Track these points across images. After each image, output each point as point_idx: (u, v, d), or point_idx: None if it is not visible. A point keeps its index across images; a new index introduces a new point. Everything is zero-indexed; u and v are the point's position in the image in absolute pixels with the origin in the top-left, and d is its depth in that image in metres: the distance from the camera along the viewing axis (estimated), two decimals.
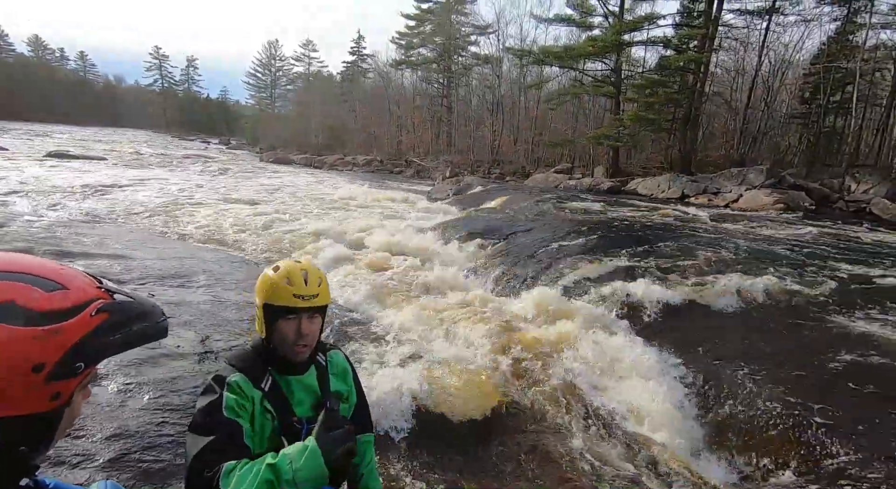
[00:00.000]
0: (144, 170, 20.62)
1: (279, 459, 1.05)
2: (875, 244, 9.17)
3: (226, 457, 1.10)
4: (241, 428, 1.19)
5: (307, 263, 1.34)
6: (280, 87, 72.34)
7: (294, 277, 1.26)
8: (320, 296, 1.28)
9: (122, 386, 3.04)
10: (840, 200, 15.41)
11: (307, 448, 1.06)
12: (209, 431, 1.15)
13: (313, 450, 1.05)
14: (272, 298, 1.26)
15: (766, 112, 22.34)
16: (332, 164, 36.07)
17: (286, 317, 1.26)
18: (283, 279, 1.25)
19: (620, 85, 23.71)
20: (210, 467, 1.08)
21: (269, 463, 1.05)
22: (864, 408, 3.58)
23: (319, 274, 1.32)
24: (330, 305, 1.39)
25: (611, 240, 7.86)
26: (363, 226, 10.62)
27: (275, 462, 1.05)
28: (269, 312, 1.27)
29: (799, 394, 3.79)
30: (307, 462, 1.04)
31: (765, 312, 5.16)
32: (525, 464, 3.36)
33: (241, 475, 1.04)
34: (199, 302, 4.85)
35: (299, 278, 1.26)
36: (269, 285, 1.26)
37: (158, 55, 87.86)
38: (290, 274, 1.26)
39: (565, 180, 21.92)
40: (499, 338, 4.66)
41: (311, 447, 1.06)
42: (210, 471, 1.08)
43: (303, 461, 1.04)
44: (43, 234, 6.39)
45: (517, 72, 32.72)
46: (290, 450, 1.08)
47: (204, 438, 1.13)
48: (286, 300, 1.24)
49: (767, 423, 3.62)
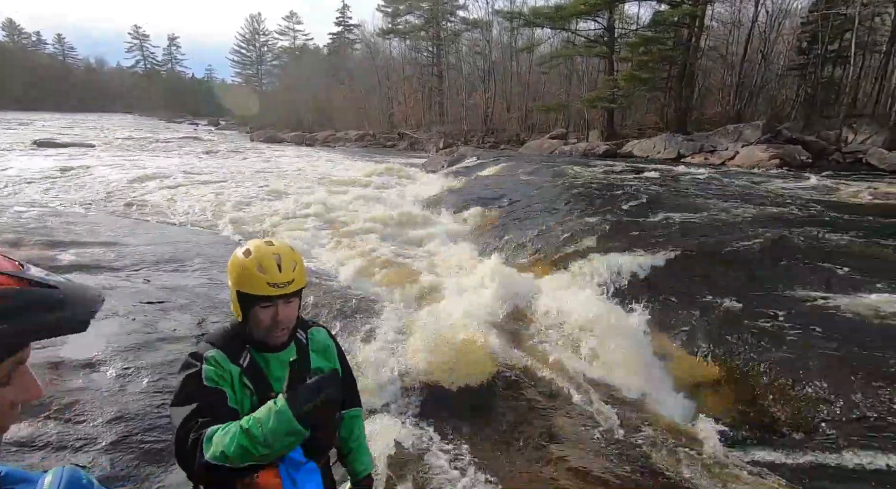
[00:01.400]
0: (134, 155, 20.32)
1: (251, 423, 1.05)
2: (853, 199, 9.13)
3: (212, 422, 1.10)
4: (224, 393, 1.19)
5: (280, 245, 1.29)
6: (266, 64, 70.48)
7: (266, 264, 1.21)
8: (295, 281, 1.25)
9: (121, 370, 3.08)
10: (836, 152, 15.26)
11: (275, 406, 1.06)
12: (191, 400, 1.15)
13: (280, 408, 1.05)
14: (245, 286, 1.22)
15: (763, 65, 21.82)
16: (323, 140, 35.56)
17: (261, 304, 1.23)
18: (256, 266, 1.21)
19: (614, 44, 23.09)
20: (195, 433, 1.08)
21: (242, 427, 1.05)
22: (855, 362, 3.64)
23: (293, 256, 1.28)
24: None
25: (603, 205, 7.83)
26: (355, 197, 10.57)
27: (248, 426, 1.05)
28: (243, 299, 1.25)
29: (794, 351, 3.85)
30: (276, 420, 1.04)
31: (760, 267, 5.18)
32: (525, 427, 3.44)
33: (219, 438, 1.05)
34: (195, 285, 4.87)
35: (272, 265, 1.22)
36: (241, 271, 1.23)
37: (138, 35, 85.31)
38: (261, 260, 1.22)
39: (560, 146, 21.66)
40: (493, 305, 4.69)
41: (278, 405, 1.05)
42: (196, 434, 1.08)
43: (272, 421, 1.04)
44: (33, 225, 6.35)
45: (508, 36, 31.83)
46: (260, 412, 1.07)
47: (187, 407, 1.13)
48: (260, 289, 1.21)
49: (764, 381, 3.69)
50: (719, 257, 5.41)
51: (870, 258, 5.21)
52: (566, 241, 6.37)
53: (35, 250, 5.25)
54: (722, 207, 7.45)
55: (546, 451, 3.02)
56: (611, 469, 2.83)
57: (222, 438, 1.05)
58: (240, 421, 1.08)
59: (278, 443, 1.05)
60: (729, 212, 7.14)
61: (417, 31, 38.89)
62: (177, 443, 1.11)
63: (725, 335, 4.15)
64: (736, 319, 4.31)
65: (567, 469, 2.83)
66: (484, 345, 3.90)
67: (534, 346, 4.28)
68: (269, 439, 1.03)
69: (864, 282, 4.61)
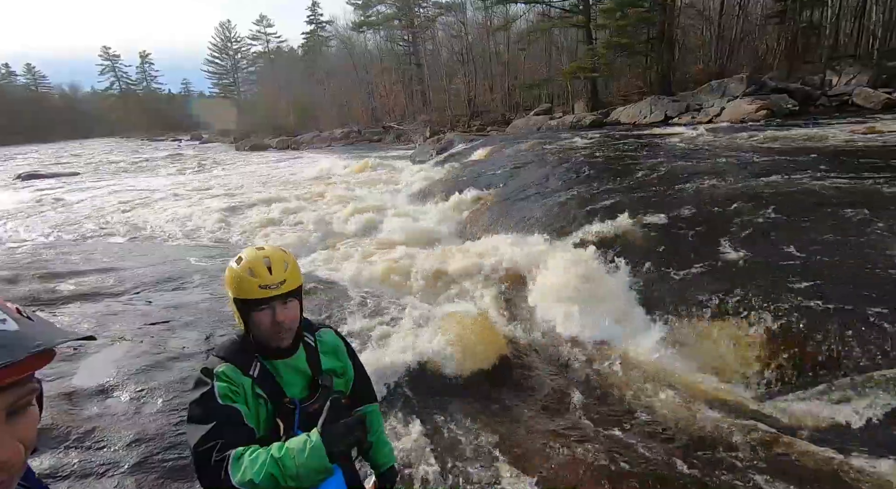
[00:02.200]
0: (120, 178, 20.19)
1: (283, 454, 1.05)
2: (843, 139, 9.10)
3: (229, 440, 1.10)
4: (239, 411, 1.19)
5: (270, 249, 1.30)
6: (242, 71, 69.53)
7: (257, 268, 1.23)
8: (288, 280, 1.25)
9: (135, 393, 3.09)
10: (823, 96, 15.16)
11: (311, 442, 1.06)
12: (207, 419, 1.15)
13: (316, 446, 1.05)
14: (240, 292, 1.24)
15: (742, 16, 21.57)
16: (308, 142, 35.28)
17: (259, 308, 1.24)
18: (246, 271, 1.23)
19: (589, 12, 22.77)
20: (218, 453, 1.08)
21: (274, 456, 1.05)
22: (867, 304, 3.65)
23: (284, 257, 1.28)
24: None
25: (594, 175, 7.81)
26: (347, 198, 10.52)
27: (280, 456, 1.05)
28: (241, 306, 1.26)
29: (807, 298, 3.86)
30: (310, 456, 1.04)
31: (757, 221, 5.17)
32: (540, 405, 3.48)
33: (249, 463, 1.05)
34: (198, 301, 4.86)
35: (262, 268, 1.23)
36: (234, 279, 1.24)
37: (109, 56, 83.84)
38: (252, 265, 1.23)
39: (547, 121, 21.51)
40: (496, 287, 4.70)
41: (314, 442, 1.06)
42: (219, 455, 1.08)
43: (306, 456, 1.04)
44: (28, 259, 6.31)
45: (482, 16, 31.39)
46: (294, 444, 1.07)
47: (204, 426, 1.13)
48: (253, 293, 1.22)
49: (775, 334, 3.71)
50: (720, 216, 5.37)
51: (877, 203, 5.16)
52: (559, 216, 6.36)
53: (34, 284, 5.23)
54: (715, 165, 7.43)
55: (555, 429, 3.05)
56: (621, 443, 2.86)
57: (252, 465, 1.05)
58: (270, 448, 1.08)
59: (307, 479, 1.05)
60: (722, 170, 7.12)
61: (391, 20, 38.32)
62: (197, 463, 1.11)
63: (736, 294, 4.15)
64: (747, 274, 4.30)
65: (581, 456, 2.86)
66: (486, 325, 3.92)
67: (536, 321, 4.30)
68: (300, 472, 1.04)
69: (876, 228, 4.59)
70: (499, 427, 3.17)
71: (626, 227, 5.34)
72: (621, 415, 3.35)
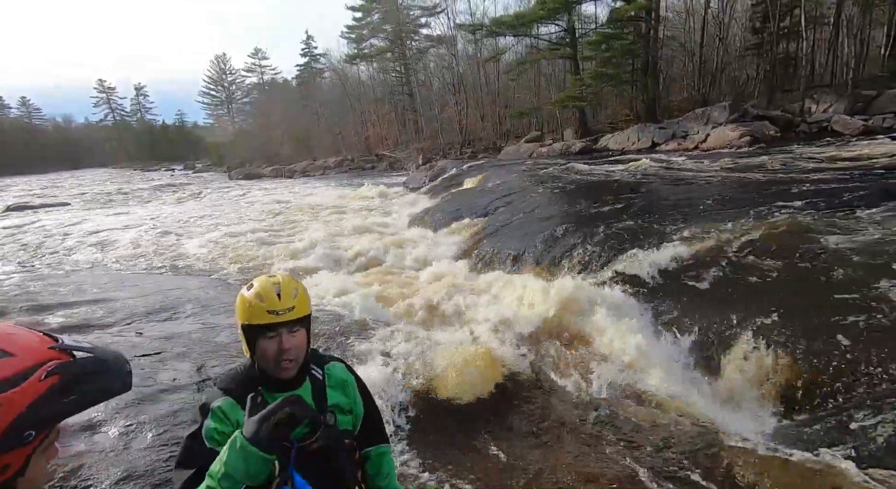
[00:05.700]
0: (111, 209, 20.12)
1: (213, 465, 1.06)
2: (830, 160, 9.36)
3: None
4: None
5: (281, 276, 1.30)
6: (237, 102, 70.62)
7: (266, 294, 1.23)
8: (297, 308, 1.24)
9: (123, 428, 2.99)
10: (803, 123, 15.68)
11: (232, 438, 1.07)
12: (190, 465, 1.14)
13: (235, 437, 1.06)
14: (249, 318, 1.23)
15: (721, 47, 22.47)
16: (302, 170, 35.58)
17: (266, 335, 1.23)
18: (256, 297, 1.23)
19: (576, 44, 23.61)
20: None
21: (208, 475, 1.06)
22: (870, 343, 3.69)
23: (294, 285, 1.28)
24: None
25: (584, 202, 7.92)
26: (344, 229, 10.53)
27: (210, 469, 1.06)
28: (248, 332, 1.25)
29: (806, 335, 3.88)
30: (231, 449, 1.05)
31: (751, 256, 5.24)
32: (539, 434, 3.41)
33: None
34: (190, 331, 4.77)
35: (271, 294, 1.23)
36: (244, 305, 1.24)
37: (104, 88, 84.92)
38: (262, 291, 1.23)
39: (537, 148, 21.94)
40: (492, 314, 4.68)
41: (234, 436, 1.07)
42: None
43: (227, 452, 1.05)
44: (16, 292, 6.21)
45: (473, 48, 32.39)
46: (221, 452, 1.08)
47: (186, 472, 1.13)
48: (261, 318, 1.22)
49: (778, 364, 3.71)
50: (719, 240, 5.44)
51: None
52: (551, 244, 6.41)
53: (22, 317, 5.13)
54: (706, 189, 7.58)
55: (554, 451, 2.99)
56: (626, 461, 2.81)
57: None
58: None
59: (237, 469, 1.04)
60: (714, 193, 7.26)
61: (384, 53, 39.39)
62: None
63: (739, 323, 4.18)
64: (742, 300, 4.34)
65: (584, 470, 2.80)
66: (484, 353, 3.88)
67: (535, 349, 4.27)
68: (227, 467, 1.03)
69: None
70: (496, 459, 3.10)
71: (621, 258, 5.39)
72: (633, 442, 3.30)
